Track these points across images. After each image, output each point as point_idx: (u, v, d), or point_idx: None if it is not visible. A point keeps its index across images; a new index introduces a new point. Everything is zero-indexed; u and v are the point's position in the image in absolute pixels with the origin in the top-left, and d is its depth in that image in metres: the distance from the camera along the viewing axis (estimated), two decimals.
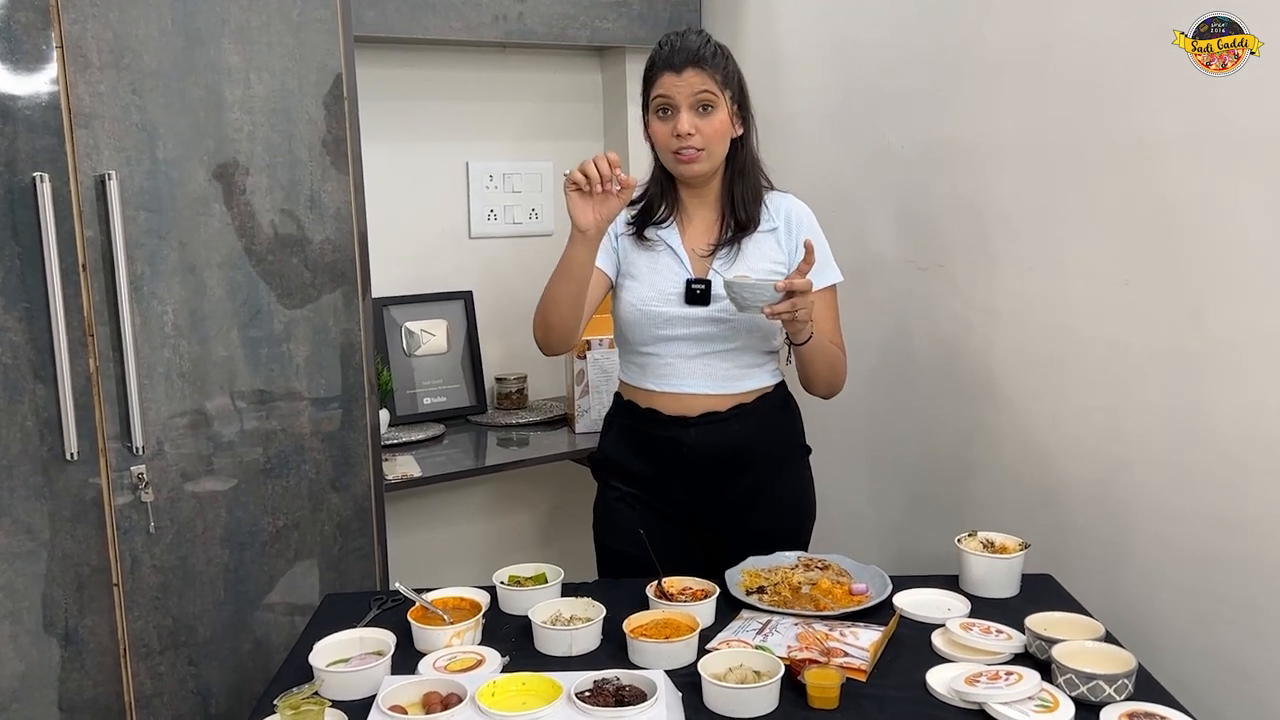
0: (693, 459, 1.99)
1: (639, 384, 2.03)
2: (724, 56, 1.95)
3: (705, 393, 1.98)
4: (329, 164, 2.16)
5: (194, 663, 2.13)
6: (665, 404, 2.00)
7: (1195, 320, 1.87)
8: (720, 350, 1.98)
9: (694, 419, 1.98)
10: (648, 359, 2.01)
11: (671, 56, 1.91)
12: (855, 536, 2.63)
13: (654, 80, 1.94)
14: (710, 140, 1.93)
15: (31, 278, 1.88)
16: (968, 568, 1.86)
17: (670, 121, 1.92)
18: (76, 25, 1.88)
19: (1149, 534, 1.98)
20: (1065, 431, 2.12)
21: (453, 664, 1.59)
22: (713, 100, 1.91)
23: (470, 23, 2.70)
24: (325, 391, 2.21)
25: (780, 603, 1.79)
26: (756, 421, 2.01)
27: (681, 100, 1.90)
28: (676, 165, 1.95)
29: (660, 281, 1.97)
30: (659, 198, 2.02)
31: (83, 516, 1.98)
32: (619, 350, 2.10)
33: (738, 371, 2.00)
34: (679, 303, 1.96)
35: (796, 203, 2.07)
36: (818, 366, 1.98)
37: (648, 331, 1.98)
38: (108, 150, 1.93)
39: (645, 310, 1.97)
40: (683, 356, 1.98)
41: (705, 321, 1.96)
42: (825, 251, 2.03)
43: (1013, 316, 2.20)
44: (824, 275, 2.00)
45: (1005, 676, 1.48)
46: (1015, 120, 2.14)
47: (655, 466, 2.02)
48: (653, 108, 1.95)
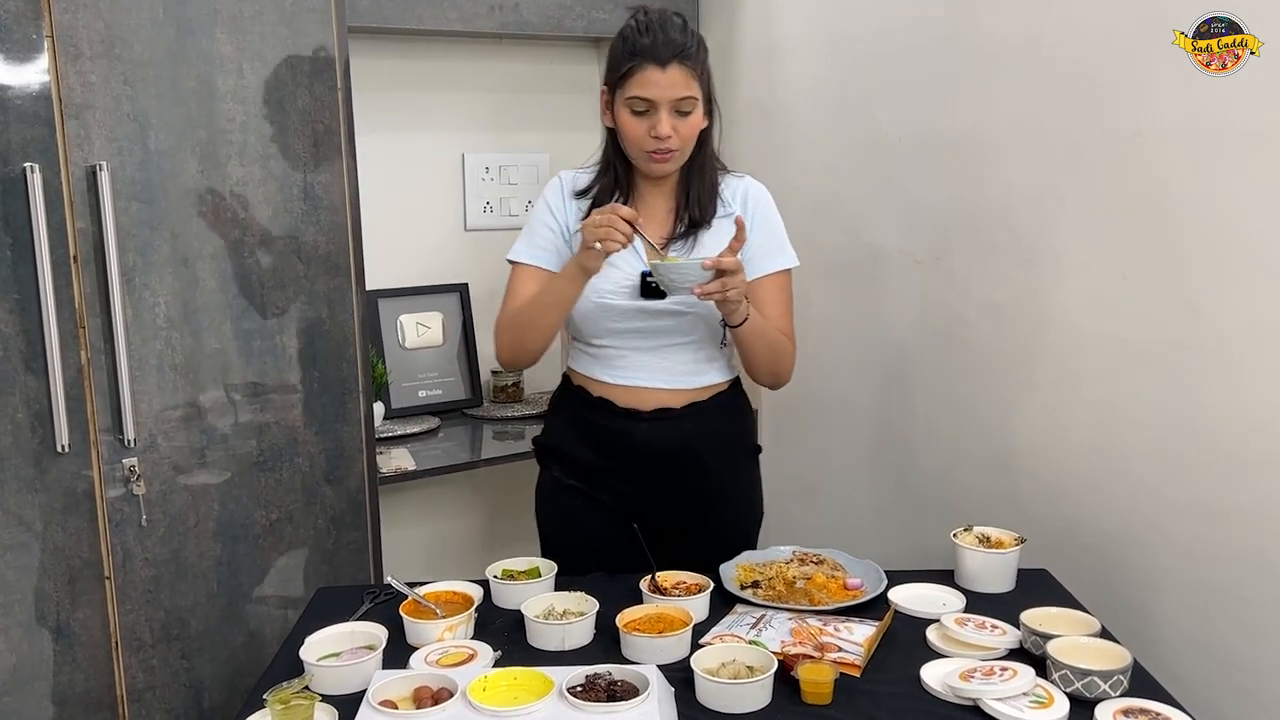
0: (642, 453, 1.95)
1: (591, 374, 1.98)
2: (704, 49, 1.88)
3: (661, 387, 1.94)
4: (322, 155, 2.15)
5: (186, 656, 2.12)
6: (618, 395, 1.95)
7: (1193, 314, 1.86)
8: (677, 344, 1.94)
9: (647, 413, 1.94)
10: (601, 350, 1.96)
11: (656, 49, 1.81)
12: (850, 531, 2.62)
13: (634, 72, 1.82)
14: (686, 141, 1.87)
15: (22, 269, 1.87)
16: (963, 562, 1.85)
17: (648, 120, 1.84)
18: (67, 15, 1.86)
19: (1146, 528, 1.97)
20: (1062, 425, 2.11)
21: (445, 658, 1.58)
22: (693, 104, 1.85)
23: (466, 13, 2.68)
24: (319, 384, 2.20)
25: (774, 597, 1.78)
26: (709, 420, 1.97)
27: (664, 102, 1.82)
28: (650, 164, 1.88)
29: (615, 274, 1.89)
30: (614, 186, 1.95)
31: (74, 509, 1.97)
32: (571, 339, 2.03)
33: (694, 365, 1.95)
34: (634, 295, 1.90)
35: (753, 184, 2.01)
36: (757, 352, 1.93)
37: (602, 324, 1.92)
38: (99, 141, 1.92)
39: (600, 303, 1.90)
40: (638, 350, 1.94)
41: (661, 314, 1.90)
42: (780, 234, 1.99)
43: (1010, 309, 2.19)
44: (776, 259, 1.97)
45: (1000, 672, 1.47)
46: (1012, 111, 2.13)
47: (602, 458, 1.98)
48: (628, 104, 1.84)
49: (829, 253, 2.61)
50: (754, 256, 1.95)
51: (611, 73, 1.88)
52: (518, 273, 1.97)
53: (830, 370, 2.66)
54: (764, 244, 1.96)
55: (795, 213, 2.69)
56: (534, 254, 1.96)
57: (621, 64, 1.84)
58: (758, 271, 1.95)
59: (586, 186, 1.97)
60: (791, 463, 2.85)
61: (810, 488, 2.79)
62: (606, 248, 1.77)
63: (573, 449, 2.00)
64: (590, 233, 1.77)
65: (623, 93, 1.85)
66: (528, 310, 1.91)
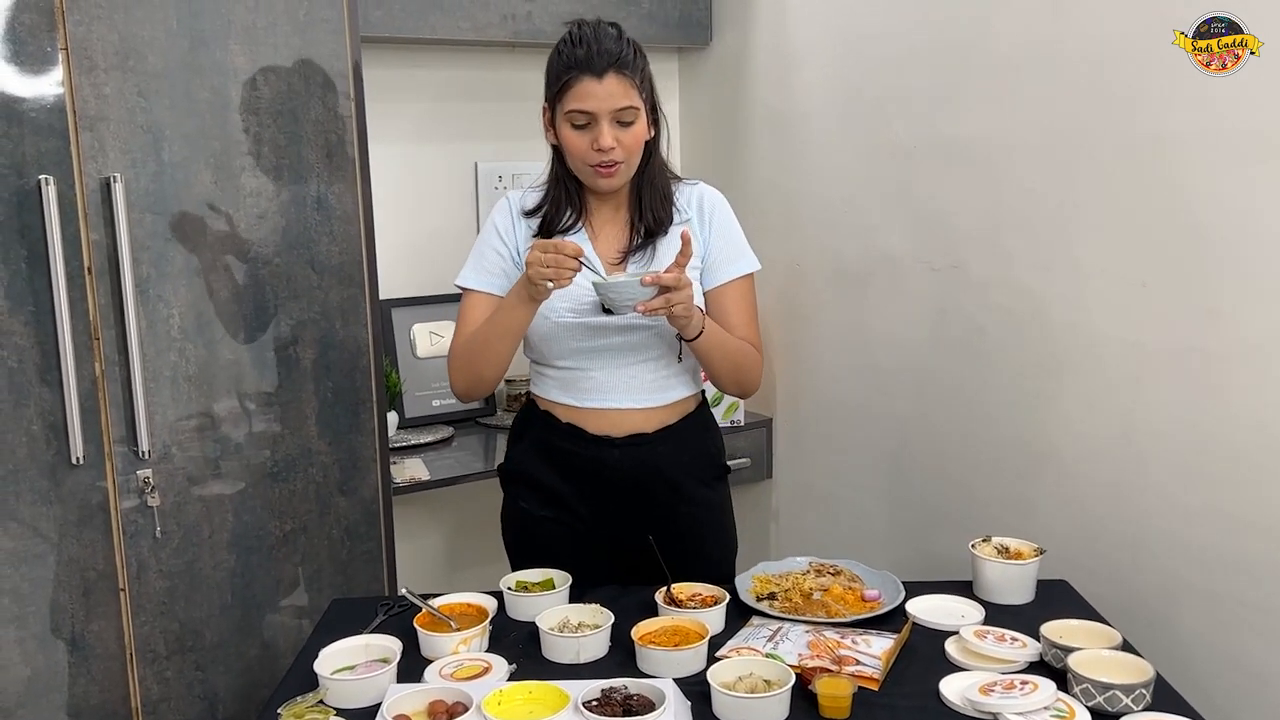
0: (614, 480, 1.92)
1: (557, 399, 1.94)
2: (642, 58, 1.83)
3: (631, 407, 1.90)
4: (335, 165, 2.15)
5: (201, 668, 2.12)
6: (589, 421, 1.91)
7: (1213, 320, 1.84)
8: (644, 360, 1.90)
9: (619, 440, 1.91)
10: (566, 374, 1.92)
11: (591, 59, 1.77)
12: (867, 541, 2.61)
13: (570, 85, 1.78)
14: (631, 152, 1.83)
15: (37, 281, 1.87)
16: (982, 573, 1.83)
17: (589, 133, 1.80)
18: (81, 27, 1.87)
19: (1168, 538, 1.95)
20: (1081, 434, 2.08)
21: (459, 671, 1.57)
22: (634, 114, 1.81)
23: (478, 22, 2.68)
24: (332, 395, 2.20)
25: (791, 609, 1.76)
26: (679, 443, 1.94)
27: (603, 114, 1.78)
28: (596, 179, 1.84)
29: (574, 290, 1.82)
30: (563, 203, 1.91)
31: (89, 521, 1.97)
32: (532, 362, 2.00)
33: (661, 380, 1.92)
34: (595, 312, 1.85)
35: (708, 190, 1.98)
36: (717, 363, 1.89)
37: (565, 345, 1.89)
38: (113, 152, 1.92)
39: (561, 323, 1.87)
40: (603, 368, 1.90)
41: (623, 330, 1.87)
42: (738, 239, 1.96)
43: (1027, 317, 2.17)
44: (737, 264, 1.94)
45: (1020, 686, 1.46)
46: (1028, 117, 2.12)
47: (570, 484, 1.94)
48: (568, 118, 1.81)
49: (844, 260, 2.59)
50: (714, 263, 1.93)
51: (549, 88, 1.85)
52: (468, 300, 1.94)
53: (845, 379, 2.65)
54: (723, 250, 1.94)
55: (809, 220, 2.70)
56: (482, 279, 1.93)
57: (558, 78, 1.81)
58: (719, 279, 1.93)
59: (536, 205, 1.93)
60: (806, 472, 2.84)
61: (825, 497, 2.77)
62: (559, 285, 1.73)
63: (541, 475, 1.96)
64: (538, 272, 1.72)
65: (562, 107, 1.82)
66: (479, 339, 1.88)
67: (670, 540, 1.87)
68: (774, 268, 2.65)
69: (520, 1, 2.72)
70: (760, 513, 2.99)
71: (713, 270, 1.93)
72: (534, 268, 1.72)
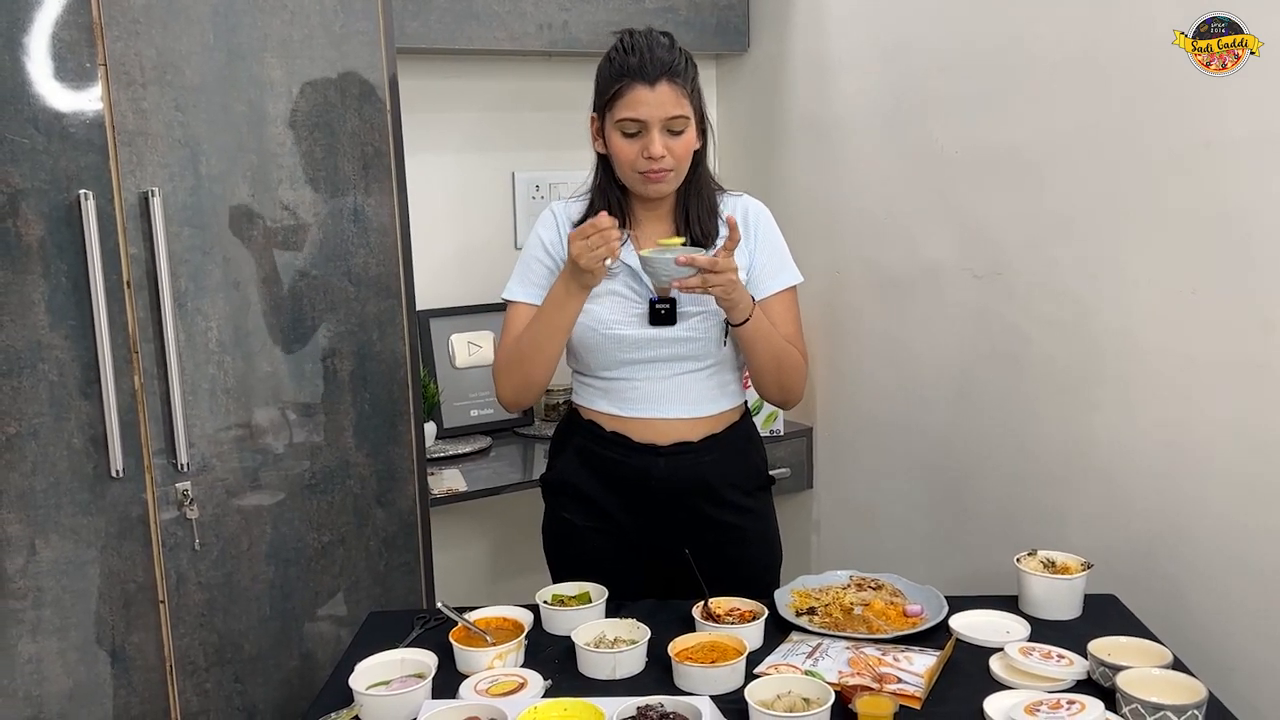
0: (658, 490, 1.90)
1: (602, 408, 1.93)
2: (693, 67, 1.83)
3: (679, 417, 1.89)
4: (372, 177, 2.15)
5: (240, 679, 2.12)
6: (635, 430, 1.90)
7: (1266, 331, 1.79)
8: (690, 370, 1.89)
9: (665, 448, 1.90)
10: (612, 384, 1.91)
11: (644, 67, 1.77)
12: (909, 554, 2.57)
13: (622, 92, 1.78)
14: (680, 160, 1.82)
15: (77, 295, 1.89)
16: (1027, 588, 1.79)
17: (639, 141, 1.80)
18: (119, 42, 1.88)
19: (1219, 553, 1.90)
20: (1129, 446, 2.04)
21: (494, 687, 1.56)
22: (685, 123, 1.81)
23: (514, 32, 2.68)
24: (370, 406, 2.20)
25: (831, 625, 1.73)
26: (724, 453, 1.93)
27: (654, 122, 1.78)
28: (645, 185, 1.84)
29: (622, 303, 1.85)
30: (609, 211, 1.86)
31: (129, 533, 1.99)
32: (575, 373, 1.99)
33: (708, 391, 1.91)
34: (643, 324, 1.86)
35: (752, 202, 1.97)
36: (760, 356, 1.87)
37: (611, 356, 1.88)
38: (151, 167, 1.94)
39: (608, 334, 1.86)
40: (650, 379, 1.89)
41: (673, 342, 1.86)
42: (782, 251, 1.95)
43: (1072, 326, 2.12)
44: (781, 277, 1.94)
45: (1067, 705, 1.42)
46: (1072, 121, 2.07)
47: (616, 496, 1.93)
48: (619, 126, 1.80)
49: (884, 269, 2.56)
50: (758, 276, 1.92)
51: (599, 96, 1.85)
52: (513, 311, 1.94)
53: (887, 389, 2.61)
54: (767, 263, 1.93)
55: (849, 228, 2.67)
56: (529, 292, 1.92)
57: (609, 86, 1.81)
58: (763, 292, 1.92)
59: (582, 217, 1.92)
60: (847, 485, 2.80)
61: (867, 510, 2.73)
62: (613, 257, 1.73)
63: (583, 484, 1.96)
64: (590, 256, 1.72)
65: (612, 115, 1.81)
66: (527, 341, 1.87)
67: (713, 550, 1.86)
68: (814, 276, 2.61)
69: (556, 11, 2.71)
70: (801, 523, 2.96)
71: (757, 283, 1.92)
72: (583, 255, 1.73)
